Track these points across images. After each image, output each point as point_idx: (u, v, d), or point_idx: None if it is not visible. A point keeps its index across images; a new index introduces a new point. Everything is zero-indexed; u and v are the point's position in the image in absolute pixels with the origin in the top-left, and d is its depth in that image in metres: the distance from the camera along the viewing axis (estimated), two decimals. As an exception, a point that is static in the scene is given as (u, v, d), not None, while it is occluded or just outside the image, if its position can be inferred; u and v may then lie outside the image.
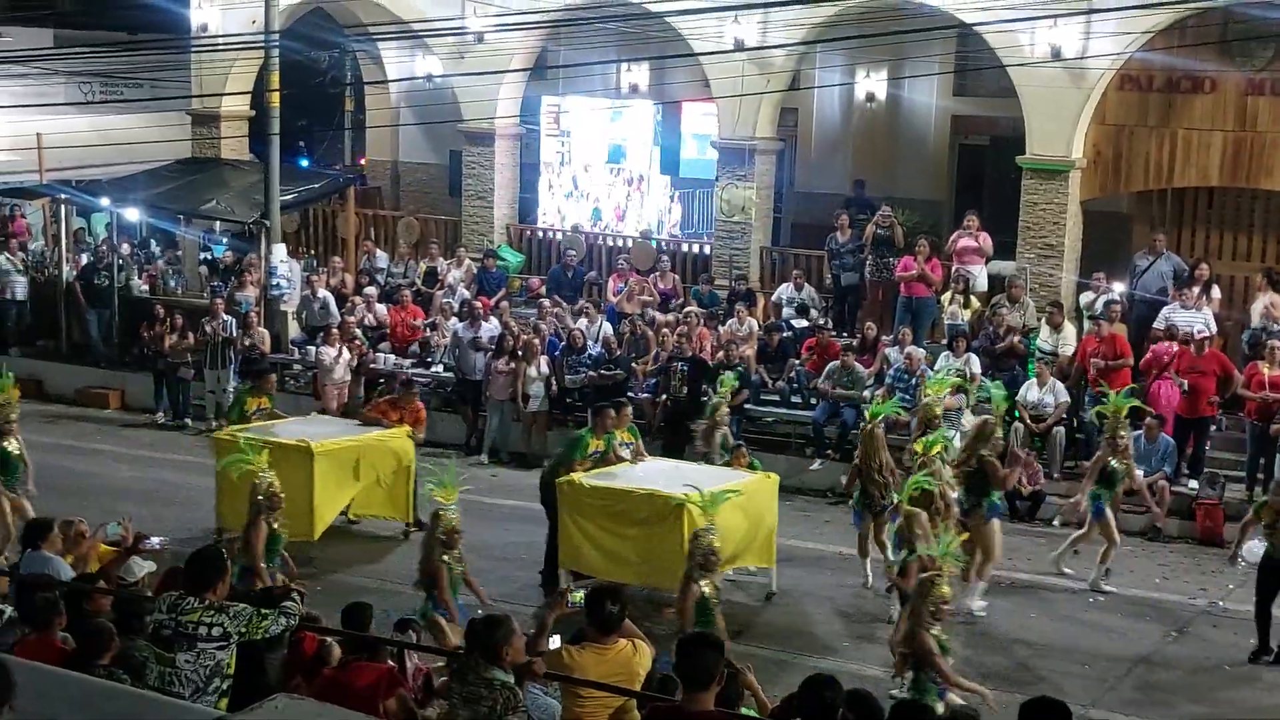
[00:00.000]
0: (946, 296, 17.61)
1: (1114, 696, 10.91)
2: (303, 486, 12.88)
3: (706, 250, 20.50)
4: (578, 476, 12.44)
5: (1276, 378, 15.00)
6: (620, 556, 12.08)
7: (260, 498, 10.81)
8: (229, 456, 11.82)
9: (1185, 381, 15.19)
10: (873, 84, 21.35)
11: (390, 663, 7.75)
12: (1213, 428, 16.01)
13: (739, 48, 18.44)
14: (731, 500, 11.15)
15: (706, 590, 9.67)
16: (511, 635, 6.41)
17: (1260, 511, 11.67)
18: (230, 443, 13.00)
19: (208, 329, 18.65)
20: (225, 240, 22.27)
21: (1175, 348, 15.59)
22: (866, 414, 13.81)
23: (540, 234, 21.94)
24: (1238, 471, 15.43)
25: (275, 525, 10.89)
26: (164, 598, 6.95)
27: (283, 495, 11.00)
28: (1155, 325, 16.26)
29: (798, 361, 17.34)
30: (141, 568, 9.21)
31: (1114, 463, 13.07)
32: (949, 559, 9.35)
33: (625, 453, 13.05)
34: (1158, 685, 11.22)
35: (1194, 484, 15.09)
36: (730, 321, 18.01)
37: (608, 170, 21.98)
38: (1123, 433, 13.09)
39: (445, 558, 10.25)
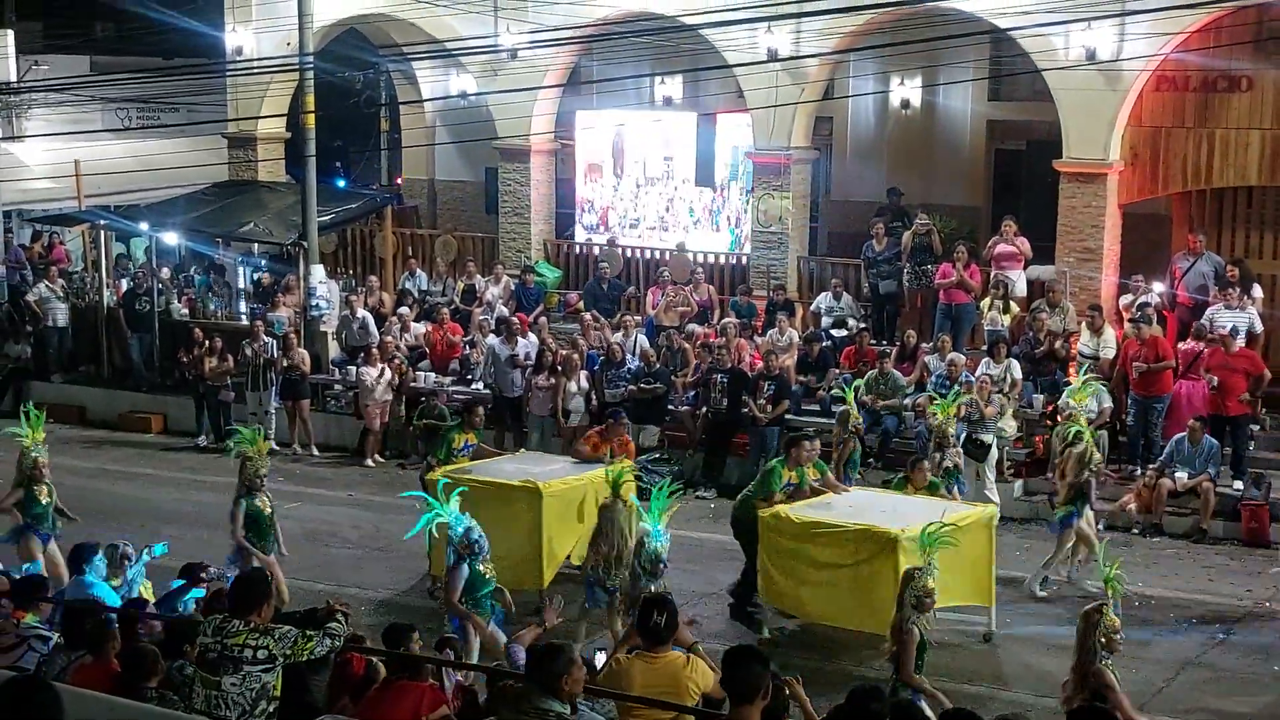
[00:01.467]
0: (986, 302, 17.52)
1: (1161, 700, 10.78)
2: (531, 529, 12.10)
3: (744, 261, 20.46)
4: (784, 510, 11.75)
5: (1322, 377, 14.89)
6: (828, 596, 11.42)
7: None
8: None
9: (1215, 378, 15.11)
10: (907, 91, 21.25)
11: (432, 681, 7.76)
12: (1256, 427, 15.96)
13: (773, 58, 18.42)
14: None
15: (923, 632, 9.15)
16: (571, 665, 6.32)
17: None
18: (450, 487, 12.00)
19: (248, 351, 18.75)
20: (264, 262, 22.40)
21: (1202, 347, 15.55)
22: (846, 397, 14.36)
23: (578, 249, 21.96)
24: (1283, 472, 15.33)
25: (486, 571, 10.36)
26: (209, 621, 6.95)
27: (481, 539, 10.32)
28: (1200, 325, 16.14)
29: (838, 371, 17.28)
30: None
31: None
32: None
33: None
34: (1205, 688, 11.10)
35: (1239, 485, 14.91)
36: (770, 332, 17.98)
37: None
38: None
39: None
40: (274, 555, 11.99)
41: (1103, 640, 8.40)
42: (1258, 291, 16.55)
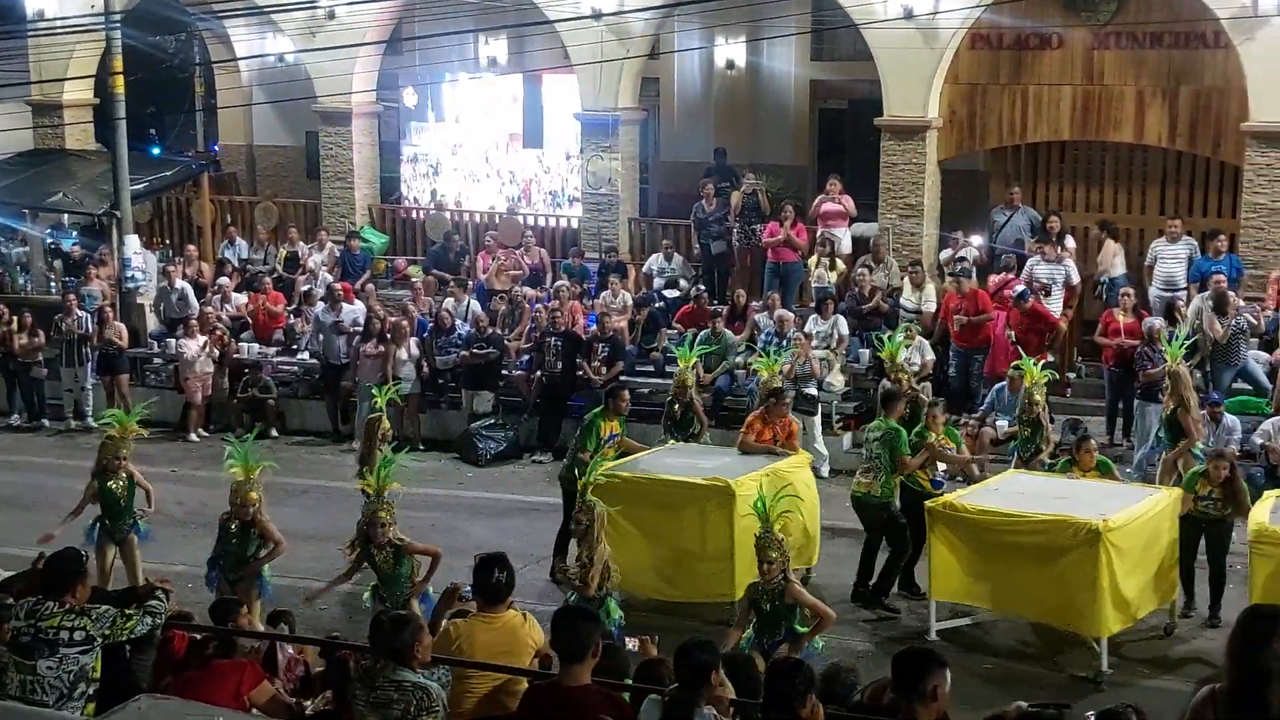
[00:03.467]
0: (813, 260, 17.77)
1: (984, 638, 11.13)
2: (724, 537, 11.00)
3: (575, 224, 20.38)
4: (952, 499, 11.02)
5: (1131, 325, 15.47)
6: (1017, 590, 10.62)
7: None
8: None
9: (1013, 333, 15.58)
10: (731, 50, 21.39)
11: (250, 655, 7.56)
12: (1072, 375, 16.63)
13: (596, 15, 18.32)
14: (1137, 524, 10.33)
15: None
16: (420, 633, 6.24)
17: (1195, 484, 11.20)
18: (616, 487, 10.77)
19: (62, 326, 18.07)
20: (75, 234, 21.55)
21: (1010, 277, 16.20)
22: (679, 359, 13.54)
23: (404, 214, 21.60)
24: (1098, 417, 15.88)
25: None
26: (21, 604, 6.71)
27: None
28: (1006, 258, 16.66)
29: (672, 332, 17.35)
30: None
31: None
32: None
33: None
34: (1024, 631, 11.39)
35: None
36: (604, 294, 17.96)
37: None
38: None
39: None
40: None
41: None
42: (1071, 243, 17.10)
